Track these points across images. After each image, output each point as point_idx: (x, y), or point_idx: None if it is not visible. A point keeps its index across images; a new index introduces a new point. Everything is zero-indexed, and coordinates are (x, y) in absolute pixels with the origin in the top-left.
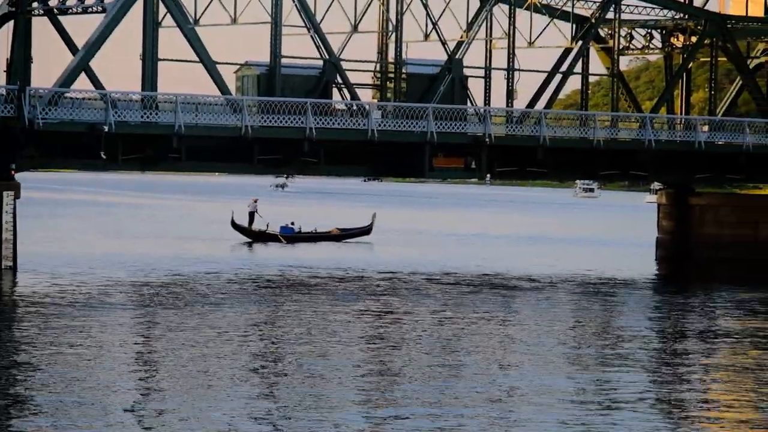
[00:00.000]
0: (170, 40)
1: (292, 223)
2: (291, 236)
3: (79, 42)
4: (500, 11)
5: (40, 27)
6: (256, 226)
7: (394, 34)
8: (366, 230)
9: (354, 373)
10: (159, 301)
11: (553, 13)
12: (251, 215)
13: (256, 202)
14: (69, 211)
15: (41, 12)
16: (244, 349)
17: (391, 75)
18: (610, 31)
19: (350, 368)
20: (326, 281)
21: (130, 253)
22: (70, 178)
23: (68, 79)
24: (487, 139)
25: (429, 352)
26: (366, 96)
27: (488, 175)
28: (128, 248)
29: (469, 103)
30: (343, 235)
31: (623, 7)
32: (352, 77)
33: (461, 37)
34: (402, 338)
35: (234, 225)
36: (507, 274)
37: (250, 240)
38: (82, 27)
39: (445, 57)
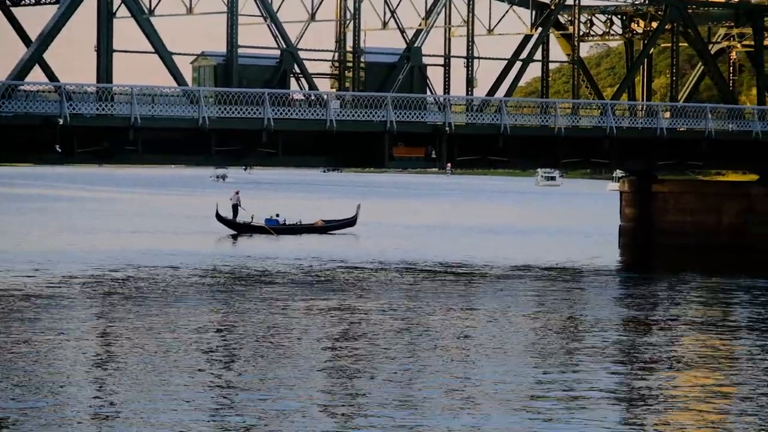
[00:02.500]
0: (125, 30)
1: (277, 215)
2: (276, 228)
3: (33, 33)
4: None
5: None
6: (240, 218)
7: (352, 22)
8: (351, 222)
9: (315, 368)
10: (117, 296)
11: None
12: (234, 207)
13: (237, 194)
14: (23, 206)
15: None
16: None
17: (350, 64)
18: (570, 18)
19: (311, 364)
20: (309, 273)
21: (95, 249)
22: (25, 173)
23: (22, 71)
24: (447, 128)
25: (390, 346)
26: (324, 86)
27: (449, 165)
28: (92, 243)
29: (428, 92)
30: (328, 226)
31: None
32: (310, 67)
33: (420, 25)
34: (363, 331)
35: (219, 217)
36: (468, 264)
37: (235, 232)
38: (35, 18)
39: (403, 45)
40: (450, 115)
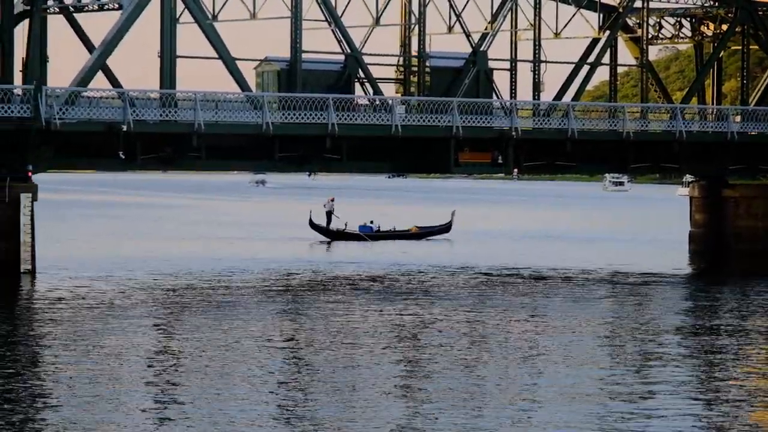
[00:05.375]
0: (188, 36)
1: (371, 222)
2: (370, 235)
3: (96, 40)
4: (525, 2)
5: (56, 25)
6: (334, 226)
7: (416, 26)
8: (446, 228)
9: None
10: (184, 304)
11: (579, 2)
12: (328, 215)
13: (332, 201)
14: (88, 212)
15: (57, 10)
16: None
17: (415, 69)
18: (638, 21)
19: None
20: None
21: (159, 256)
22: (89, 179)
23: (85, 77)
24: (513, 133)
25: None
26: (389, 91)
27: (515, 170)
28: (158, 250)
29: (494, 97)
30: (423, 233)
31: None
32: (375, 71)
33: (486, 29)
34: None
35: (312, 225)
36: (540, 269)
37: (328, 240)
38: (98, 25)
39: (469, 49)
40: (516, 119)
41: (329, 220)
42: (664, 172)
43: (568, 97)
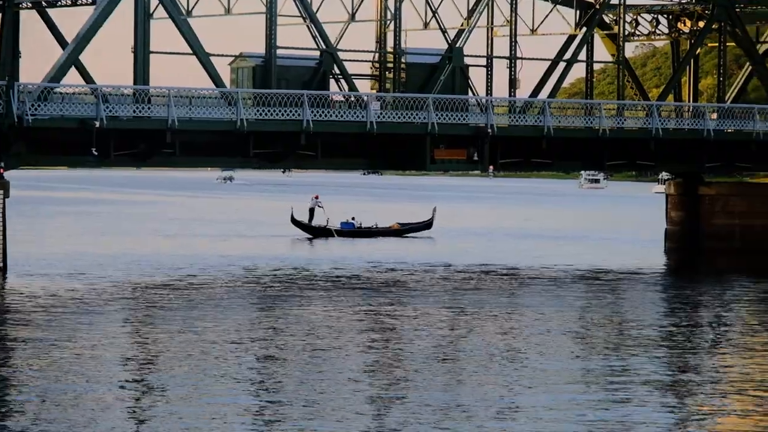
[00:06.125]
0: (162, 32)
1: (353, 219)
2: (352, 231)
3: (69, 35)
4: None
5: (29, 20)
6: (315, 222)
7: (392, 22)
8: (427, 224)
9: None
10: (157, 303)
11: None
12: (311, 211)
13: (317, 198)
14: (60, 209)
15: (29, 5)
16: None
17: (390, 65)
18: (615, 17)
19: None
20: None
21: (133, 253)
22: (62, 176)
23: (58, 73)
24: (489, 130)
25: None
26: (364, 87)
27: (491, 167)
28: (131, 248)
29: (470, 93)
30: (405, 229)
31: None
32: (350, 68)
33: (462, 25)
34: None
35: (294, 221)
36: (515, 267)
37: (310, 236)
38: (71, 20)
39: (445, 46)
40: (492, 116)
41: (311, 217)
42: (640, 170)
43: (544, 94)
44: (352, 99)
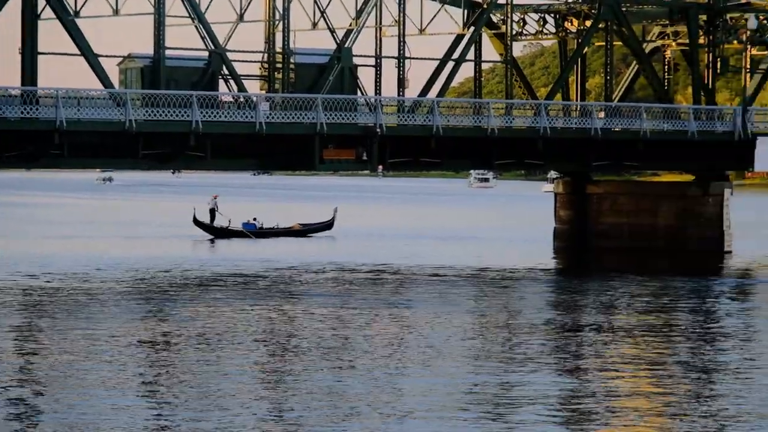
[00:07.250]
0: (50, 32)
1: (254, 219)
2: (254, 232)
3: None
4: None
5: None
6: (217, 223)
7: (281, 23)
8: (328, 225)
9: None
10: (44, 306)
11: None
12: (212, 212)
13: (215, 198)
14: None
15: None
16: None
17: (279, 65)
18: (502, 17)
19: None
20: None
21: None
22: None
23: None
24: (378, 130)
25: (323, 351)
26: (253, 87)
27: (380, 167)
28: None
29: (359, 93)
30: (306, 230)
31: None
32: (239, 68)
33: (350, 25)
34: (297, 335)
35: (196, 222)
36: (400, 269)
37: (212, 237)
38: None
39: (334, 46)
40: (381, 116)
41: (213, 218)
42: (529, 169)
43: (433, 94)
44: (241, 99)
